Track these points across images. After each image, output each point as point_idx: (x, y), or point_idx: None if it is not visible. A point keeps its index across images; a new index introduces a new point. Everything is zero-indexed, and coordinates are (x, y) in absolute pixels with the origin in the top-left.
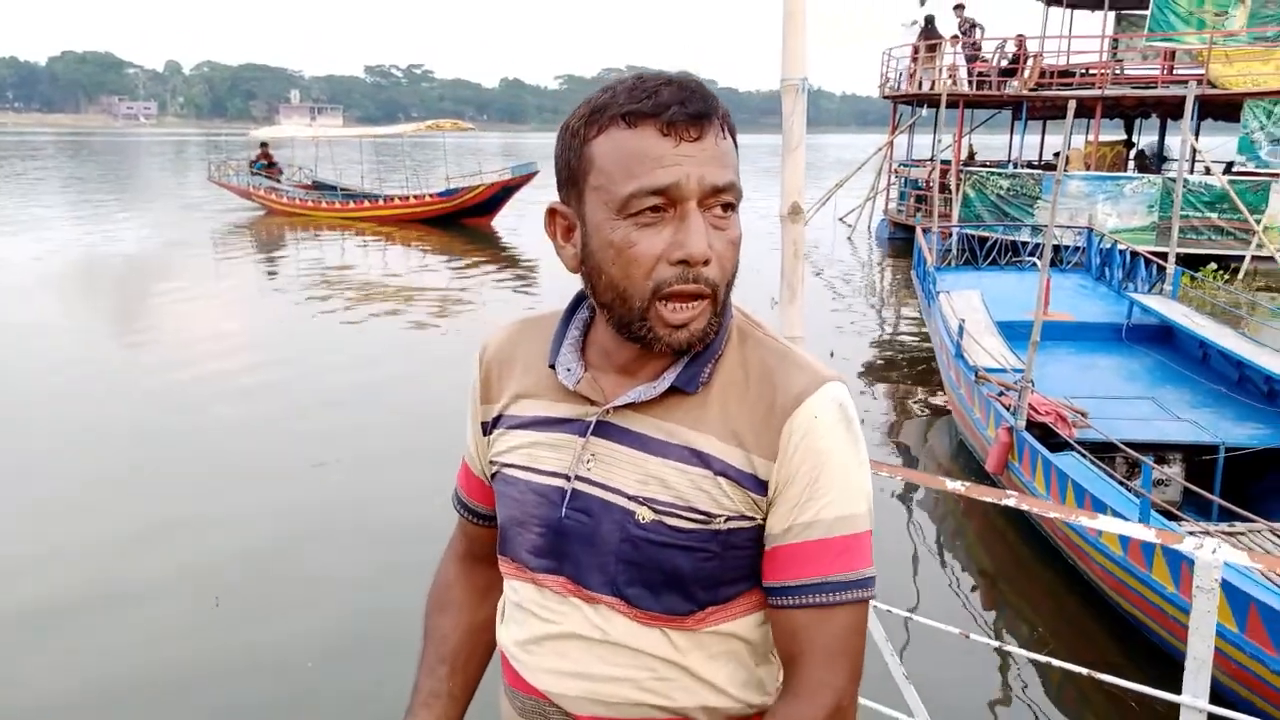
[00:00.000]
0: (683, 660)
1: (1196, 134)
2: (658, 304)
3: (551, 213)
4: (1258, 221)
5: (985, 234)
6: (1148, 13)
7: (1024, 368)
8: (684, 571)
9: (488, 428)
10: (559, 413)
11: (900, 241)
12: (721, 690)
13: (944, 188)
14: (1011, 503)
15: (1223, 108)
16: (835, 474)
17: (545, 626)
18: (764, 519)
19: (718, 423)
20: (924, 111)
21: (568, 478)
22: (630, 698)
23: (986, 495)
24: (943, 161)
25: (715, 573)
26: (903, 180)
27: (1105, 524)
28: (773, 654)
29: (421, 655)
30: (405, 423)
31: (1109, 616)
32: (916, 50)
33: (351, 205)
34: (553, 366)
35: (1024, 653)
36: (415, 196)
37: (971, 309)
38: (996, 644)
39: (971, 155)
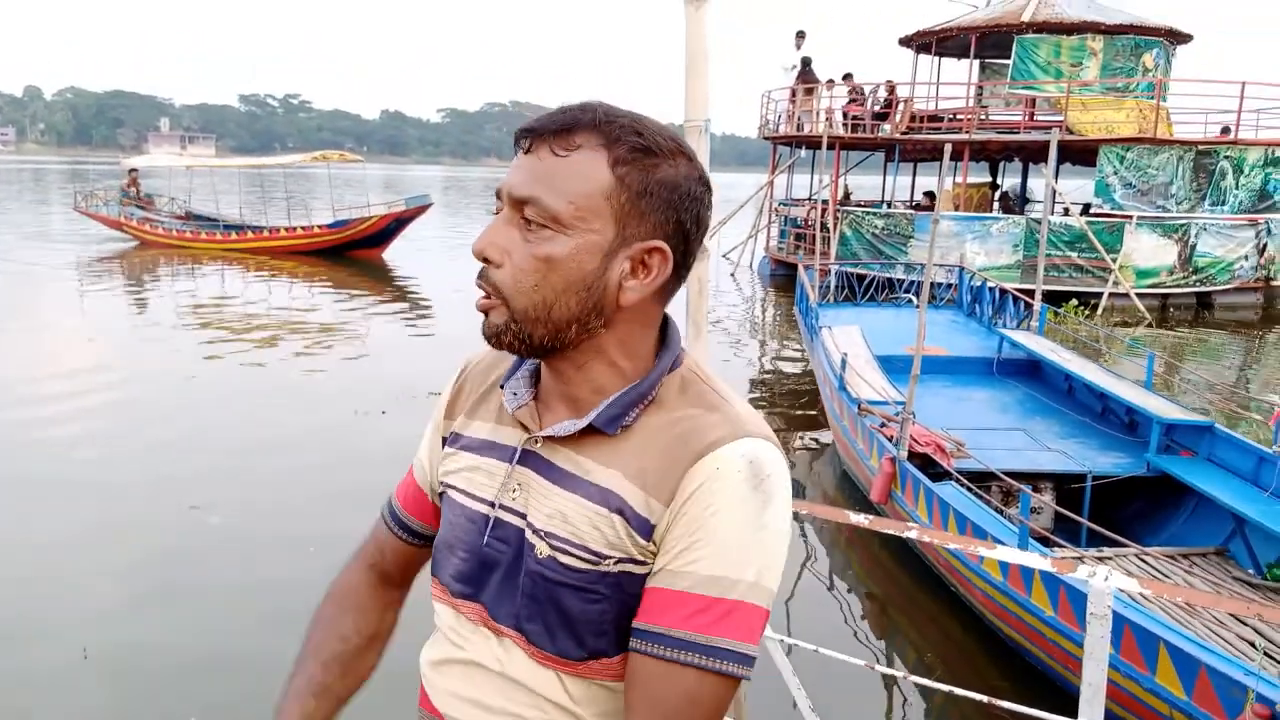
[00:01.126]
0: (576, 709)
1: (1056, 177)
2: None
3: None
4: (1113, 260)
5: (863, 271)
6: (1010, 62)
7: (905, 400)
8: (573, 612)
9: (445, 442)
10: (500, 438)
11: (782, 278)
12: None
13: (823, 226)
14: (913, 535)
15: (1080, 152)
16: (723, 530)
17: (455, 651)
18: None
19: (627, 461)
20: (802, 152)
21: (493, 505)
22: None
23: (889, 528)
24: (820, 201)
25: (603, 618)
26: (783, 219)
27: (1003, 554)
28: None
29: (313, 644)
30: (291, 464)
31: (991, 641)
32: (794, 93)
33: (234, 236)
34: (503, 389)
35: (927, 682)
36: (303, 228)
37: (852, 344)
38: (901, 674)
39: (847, 195)
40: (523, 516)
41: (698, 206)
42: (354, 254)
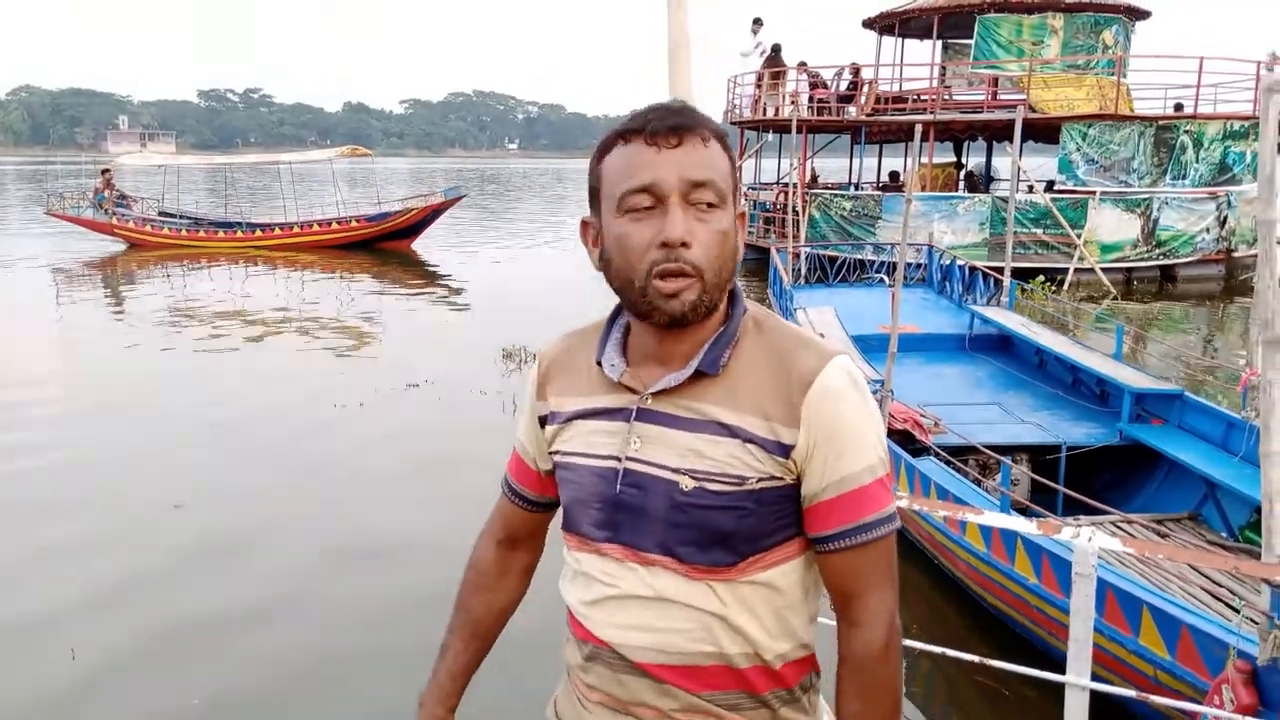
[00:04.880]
0: (725, 613)
1: (1020, 155)
2: (653, 281)
3: (583, 224)
4: (1078, 235)
5: (834, 253)
6: (972, 42)
7: (883, 378)
8: (726, 528)
9: (544, 421)
10: (608, 403)
11: (752, 262)
12: (759, 640)
13: (792, 209)
14: (903, 504)
15: (1043, 130)
16: (855, 433)
17: (607, 590)
18: (794, 479)
19: (741, 399)
20: (770, 136)
21: (619, 459)
22: (683, 647)
23: None
24: (789, 184)
25: (754, 527)
26: (752, 203)
27: (991, 519)
28: (804, 603)
29: (455, 625)
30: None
31: (976, 612)
32: (761, 78)
33: (259, 234)
34: (599, 364)
35: (918, 645)
36: (339, 221)
37: (828, 324)
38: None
39: (814, 178)
40: (651, 463)
41: None
42: (385, 245)
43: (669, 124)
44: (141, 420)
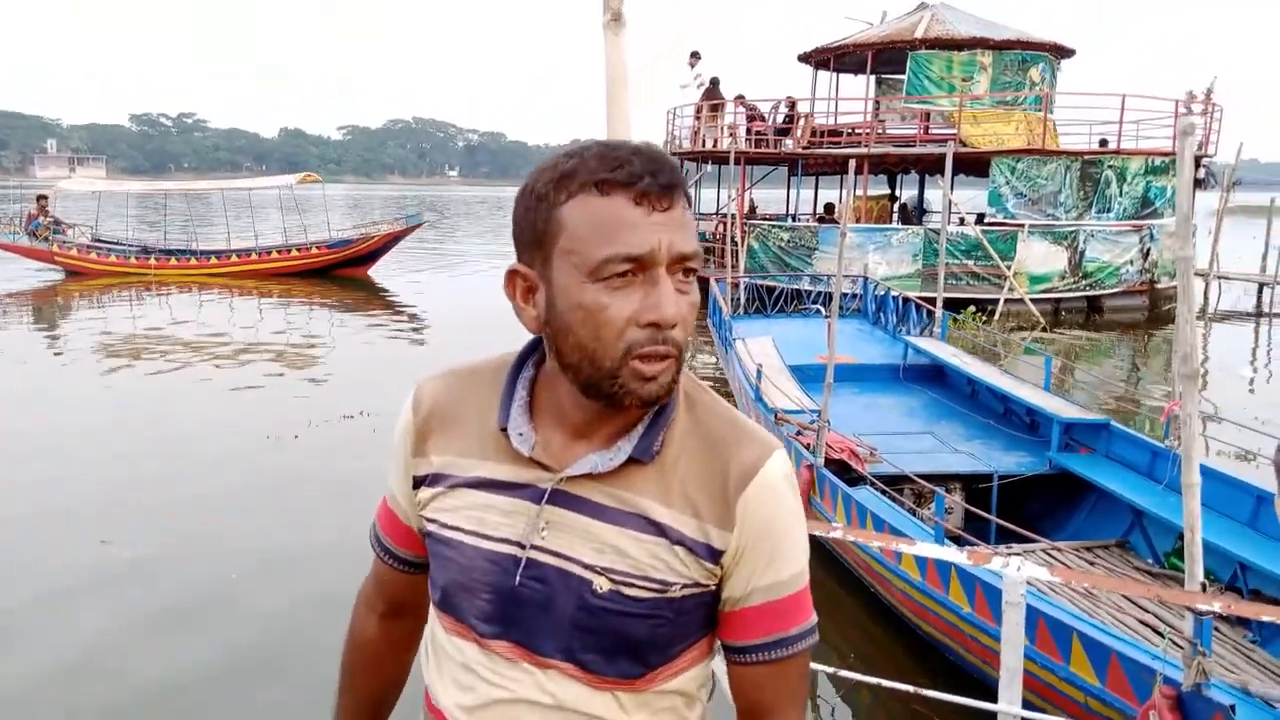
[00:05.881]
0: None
1: (952, 188)
2: (631, 363)
3: (512, 274)
4: (1008, 267)
5: (772, 283)
6: (905, 77)
7: (820, 408)
8: (639, 638)
9: (420, 481)
10: (509, 476)
11: None
12: None
13: (731, 240)
14: (837, 534)
15: (973, 164)
16: (789, 536)
17: (495, 692)
18: (716, 584)
19: (673, 492)
20: (708, 167)
21: (522, 545)
22: None
23: (815, 529)
24: (728, 215)
25: (667, 637)
26: None
27: (923, 550)
28: (698, 696)
29: (345, 707)
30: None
31: (911, 640)
32: (700, 109)
33: (213, 261)
34: (504, 430)
35: (853, 675)
36: (299, 249)
37: (766, 354)
38: (830, 670)
39: (753, 209)
40: (561, 555)
41: None
42: (341, 272)
43: (662, 183)
44: (74, 452)
